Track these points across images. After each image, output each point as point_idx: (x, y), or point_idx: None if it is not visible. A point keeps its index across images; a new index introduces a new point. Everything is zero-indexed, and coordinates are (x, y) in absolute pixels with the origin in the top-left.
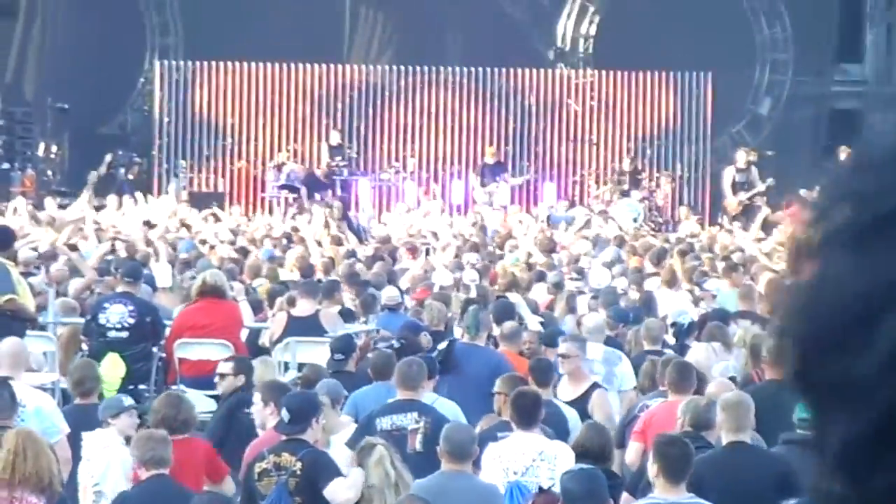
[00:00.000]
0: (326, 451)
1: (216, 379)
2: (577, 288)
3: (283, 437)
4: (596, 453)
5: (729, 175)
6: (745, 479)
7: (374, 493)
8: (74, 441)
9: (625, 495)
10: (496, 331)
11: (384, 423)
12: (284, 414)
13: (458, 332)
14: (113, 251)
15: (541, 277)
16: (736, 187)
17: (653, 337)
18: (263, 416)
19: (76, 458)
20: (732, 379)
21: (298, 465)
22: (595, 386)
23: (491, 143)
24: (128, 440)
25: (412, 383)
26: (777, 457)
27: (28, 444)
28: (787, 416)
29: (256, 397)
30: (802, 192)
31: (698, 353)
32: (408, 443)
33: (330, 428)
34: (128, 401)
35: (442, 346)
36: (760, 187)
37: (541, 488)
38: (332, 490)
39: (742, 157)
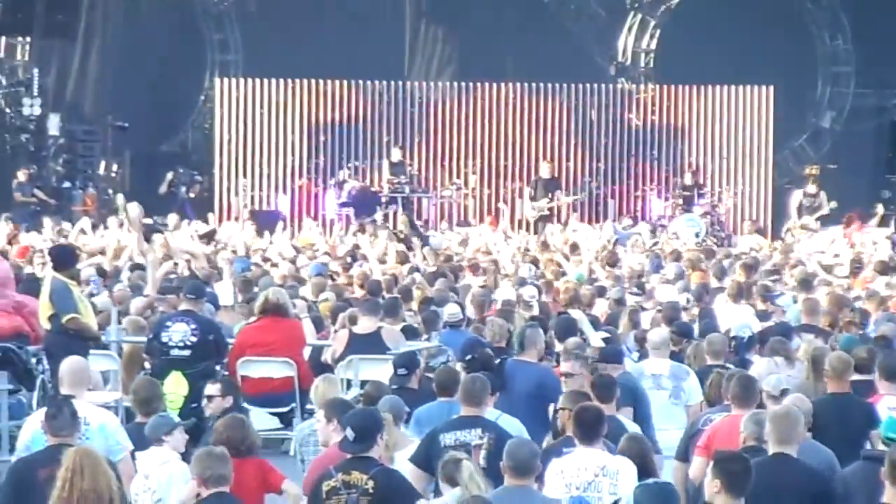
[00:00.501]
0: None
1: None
2: (637, 303)
3: (349, 455)
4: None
5: (797, 199)
6: (783, 490)
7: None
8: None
9: None
10: (558, 347)
11: (448, 438)
12: (349, 432)
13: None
14: (175, 270)
15: (602, 293)
16: (802, 210)
17: (715, 351)
18: (326, 433)
19: None
20: (785, 391)
21: (371, 483)
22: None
23: (546, 159)
24: (181, 456)
25: (476, 399)
26: (816, 471)
27: (86, 462)
28: (849, 429)
29: (319, 414)
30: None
31: (760, 367)
32: (472, 458)
33: (393, 444)
34: (176, 418)
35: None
36: (825, 210)
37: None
38: None
39: (813, 186)
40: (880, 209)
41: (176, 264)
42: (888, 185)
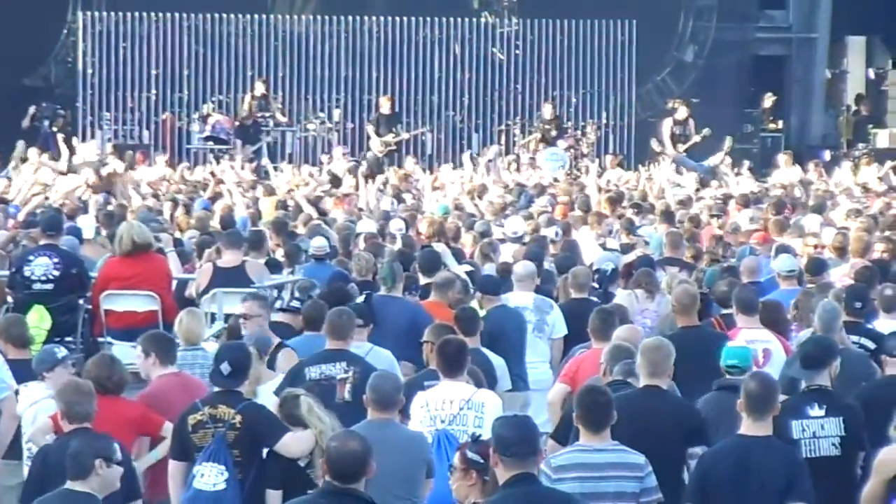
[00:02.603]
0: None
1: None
2: (500, 236)
3: (218, 389)
4: None
5: (667, 127)
6: (656, 424)
7: (324, 439)
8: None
9: (550, 442)
10: (423, 280)
11: (313, 372)
12: (225, 366)
13: None
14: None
15: (470, 226)
16: (675, 139)
17: (579, 284)
18: (146, 367)
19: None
20: None
21: (238, 417)
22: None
23: (386, 95)
24: None
25: (341, 333)
26: (686, 405)
27: None
28: (703, 362)
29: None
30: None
31: (621, 299)
32: (336, 392)
33: (257, 378)
34: (62, 352)
35: (359, 299)
36: (697, 138)
37: (474, 437)
38: (285, 444)
39: (683, 110)
40: (728, 142)
41: (47, 198)
42: (750, 118)
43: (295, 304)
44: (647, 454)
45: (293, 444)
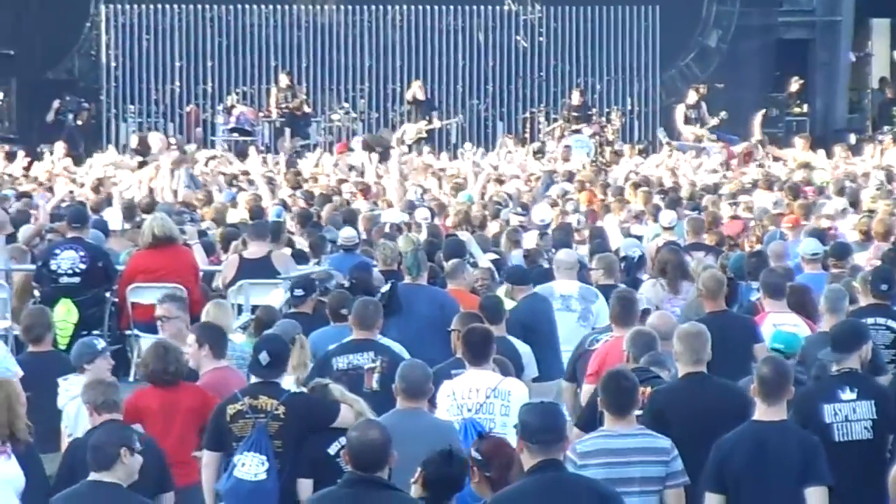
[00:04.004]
0: None
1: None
2: (520, 223)
3: (257, 380)
4: None
5: (681, 112)
6: (706, 409)
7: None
8: (37, 389)
9: (575, 430)
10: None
11: (340, 362)
12: (264, 356)
13: None
14: (71, 198)
15: (496, 214)
16: (690, 123)
17: (607, 270)
18: (198, 358)
19: (42, 404)
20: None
21: (282, 409)
22: None
23: (418, 80)
24: None
25: (368, 323)
26: (734, 387)
27: None
28: (731, 347)
29: (190, 338)
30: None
31: (645, 287)
32: (364, 382)
33: (303, 365)
34: (101, 344)
35: (384, 288)
36: (712, 122)
37: (480, 434)
38: (344, 416)
39: (693, 95)
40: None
41: (71, 192)
42: (774, 102)
43: (298, 292)
44: (699, 440)
45: (349, 415)
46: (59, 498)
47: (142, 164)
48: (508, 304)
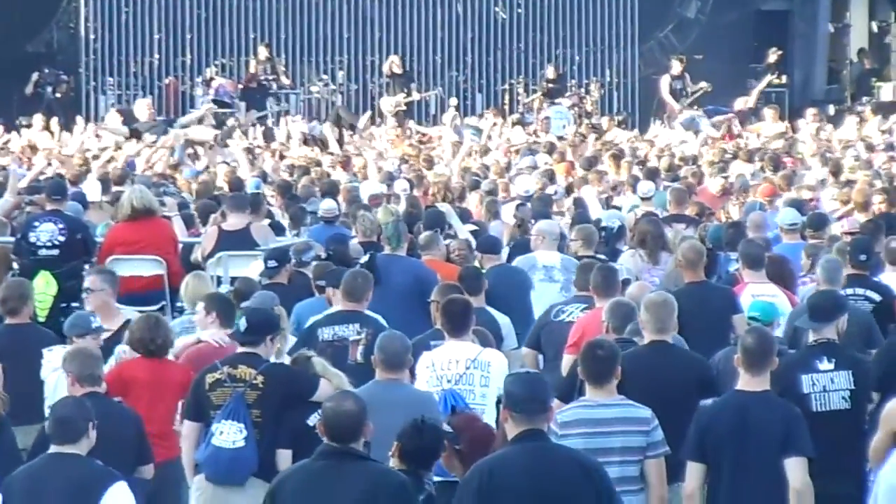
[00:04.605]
0: None
1: None
2: (504, 196)
3: (237, 350)
4: None
5: (665, 83)
6: (666, 378)
7: None
8: (13, 361)
9: (556, 401)
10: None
11: (326, 333)
12: (242, 323)
13: None
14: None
15: (475, 186)
16: (675, 94)
17: (587, 241)
18: (204, 323)
19: (19, 377)
20: None
21: (260, 378)
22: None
23: (396, 53)
24: None
25: (356, 295)
26: (696, 357)
27: None
28: (710, 317)
29: (200, 306)
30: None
31: (624, 258)
32: (349, 354)
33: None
34: (96, 322)
35: (363, 259)
36: (699, 92)
37: (453, 408)
38: (323, 390)
39: (677, 65)
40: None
41: (49, 164)
42: (754, 74)
43: (271, 263)
44: (659, 409)
45: (329, 389)
46: (22, 471)
47: (133, 133)
48: None
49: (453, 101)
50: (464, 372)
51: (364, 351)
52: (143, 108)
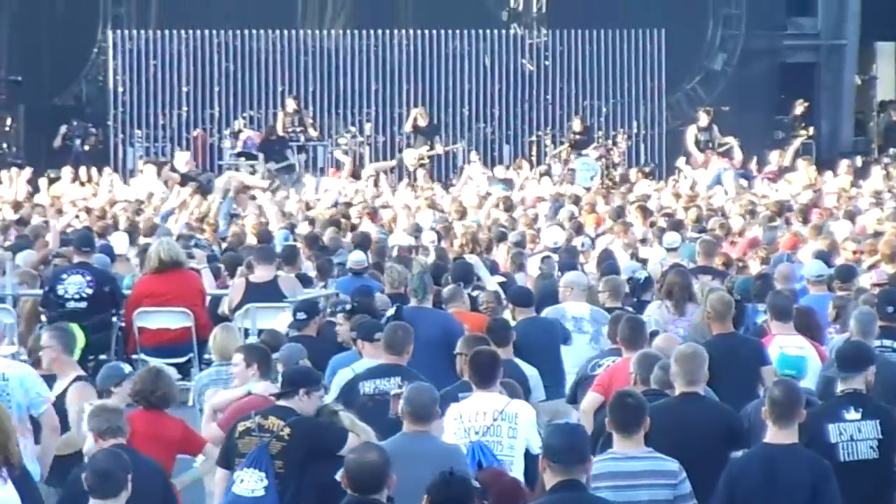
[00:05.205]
0: None
1: None
2: (531, 248)
3: (273, 402)
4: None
5: (692, 134)
6: (697, 430)
7: None
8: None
9: None
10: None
11: (367, 387)
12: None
13: None
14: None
15: (502, 237)
16: (700, 146)
17: (614, 293)
18: (244, 376)
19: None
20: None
21: (287, 430)
22: (78, 379)
23: (421, 106)
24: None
25: (397, 348)
26: (727, 409)
27: None
28: (739, 369)
29: (238, 357)
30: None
31: (651, 309)
32: (390, 407)
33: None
34: (127, 368)
35: (390, 312)
36: (727, 144)
37: (479, 464)
38: (351, 446)
39: (704, 117)
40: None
41: (77, 217)
42: (780, 125)
43: (300, 315)
44: (689, 460)
45: (357, 443)
46: None
47: (184, 180)
48: None
49: (474, 155)
50: (491, 424)
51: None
52: (182, 161)
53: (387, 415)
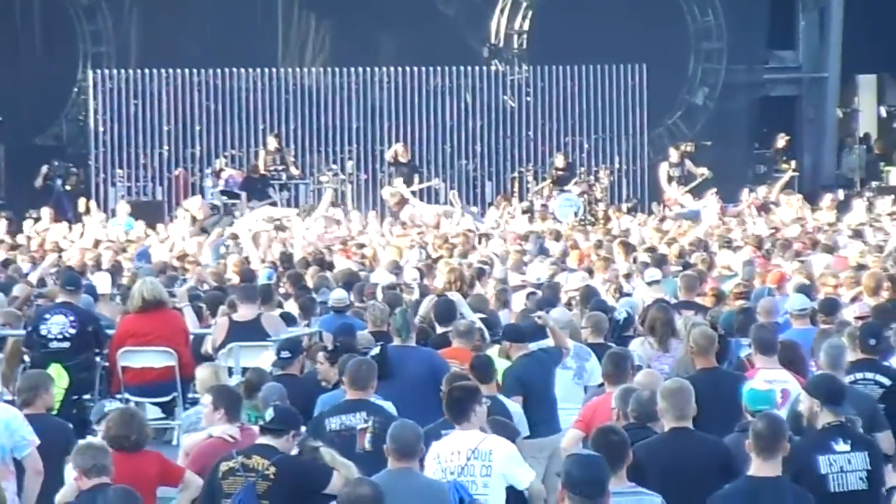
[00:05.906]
0: None
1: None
2: (518, 283)
3: (257, 441)
4: None
5: (664, 171)
6: (688, 465)
7: None
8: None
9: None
10: (439, 329)
11: (333, 423)
12: (269, 413)
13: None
14: (59, 264)
15: (481, 274)
16: (672, 182)
17: (596, 329)
18: (212, 420)
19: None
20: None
21: (272, 469)
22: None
23: (401, 142)
24: None
25: (361, 383)
26: (720, 443)
27: None
28: (722, 403)
29: (206, 399)
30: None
31: (634, 345)
32: (357, 442)
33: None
34: (110, 406)
35: (374, 352)
36: (697, 179)
37: (461, 501)
38: (335, 483)
39: (674, 152)
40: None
41: (60, 257)
42: (762, 159)
43: (284, 354)
44: (682, 495)
45: (340, 480)
46: None
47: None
48: (503, 364)
49: (452, 192)
50: (465, 464)
51: (371, 439)
52: (196, 206)
53: (354, 450)
